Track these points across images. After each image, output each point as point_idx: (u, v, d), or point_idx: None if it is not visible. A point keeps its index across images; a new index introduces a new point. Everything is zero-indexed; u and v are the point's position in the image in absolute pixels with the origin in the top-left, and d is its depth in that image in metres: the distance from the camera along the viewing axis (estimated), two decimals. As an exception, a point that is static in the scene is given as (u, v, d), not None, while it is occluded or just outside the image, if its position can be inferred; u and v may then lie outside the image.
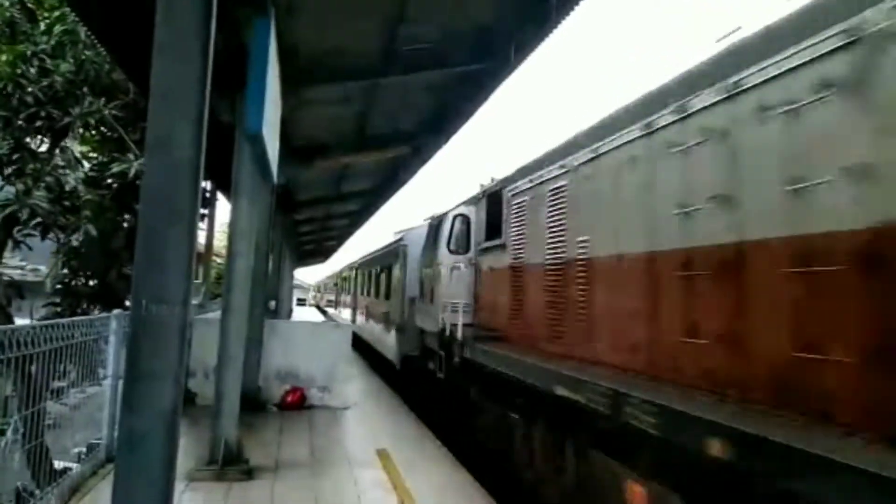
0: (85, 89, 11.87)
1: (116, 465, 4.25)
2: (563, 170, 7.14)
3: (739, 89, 4.29)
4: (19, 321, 10.65)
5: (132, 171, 11.71)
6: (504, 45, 8.80)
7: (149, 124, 4.11)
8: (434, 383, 11.85)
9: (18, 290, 12.00)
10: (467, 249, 10.57)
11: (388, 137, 13.43)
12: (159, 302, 3.94)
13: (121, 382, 6.09)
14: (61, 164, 12.08)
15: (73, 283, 12.54)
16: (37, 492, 5.80)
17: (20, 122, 11.16)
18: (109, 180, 12.36)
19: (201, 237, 17.22)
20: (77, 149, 13.04)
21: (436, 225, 12.37)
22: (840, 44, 3.50)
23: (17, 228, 11.38)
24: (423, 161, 15.27)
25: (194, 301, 14.14)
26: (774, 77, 3.99)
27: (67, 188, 11.75)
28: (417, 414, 11.80)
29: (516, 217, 8.53)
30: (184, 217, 4.09)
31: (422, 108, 12.46)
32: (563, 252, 6.95)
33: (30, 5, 11.66)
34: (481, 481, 7.74)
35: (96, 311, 11.30)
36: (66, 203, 11.93)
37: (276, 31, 6.21)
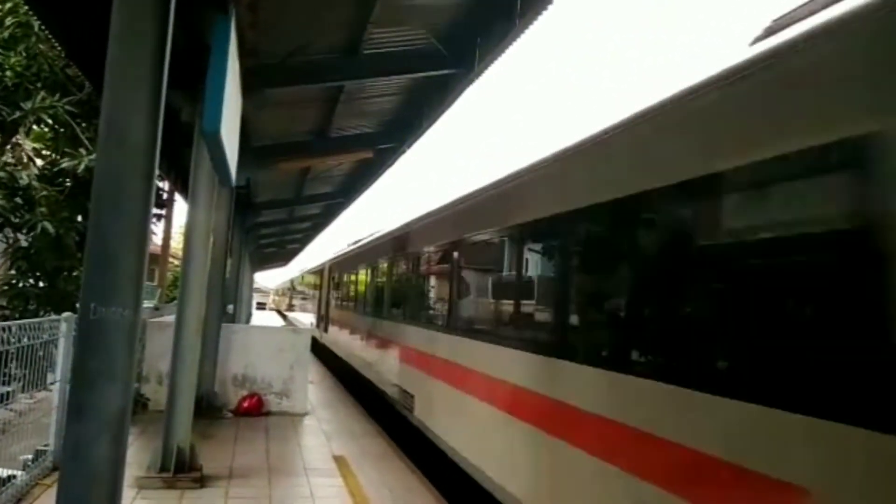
0: (38, 84, 11.53)
1: (61, 473, 4.09)
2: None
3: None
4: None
5: (82, 166, 11.38)
6: (468, 52, 8.81)
7: (101, 116, 3.97)
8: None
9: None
10: None
11: (351, 141, 13.34)
12: (108, 304, 3.79)
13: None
14: (11, 161, 11.71)
15: (22, 284, 12.14)
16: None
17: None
18: (62, 178, 12.02)
19: (158, 238, 16.90)
20: (29, 145, 12.67)
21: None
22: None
23: None
24: (386, 166, 15.21)
25: (148, 304, 13.81)
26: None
27: (22, 184, 11.38)
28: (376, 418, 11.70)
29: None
30: (136, 214, 3.95)
31: (385, 112, 12.41)
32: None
33: (-19, -4, 11.29)
34: (437, 484, 7.72)
35: (51, 314, 10.96)
36: (19, 200, 11.55)
37: (238, 29, 6.09)
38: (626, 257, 4.83)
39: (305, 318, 31.50)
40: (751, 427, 3.35)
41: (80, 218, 12.05)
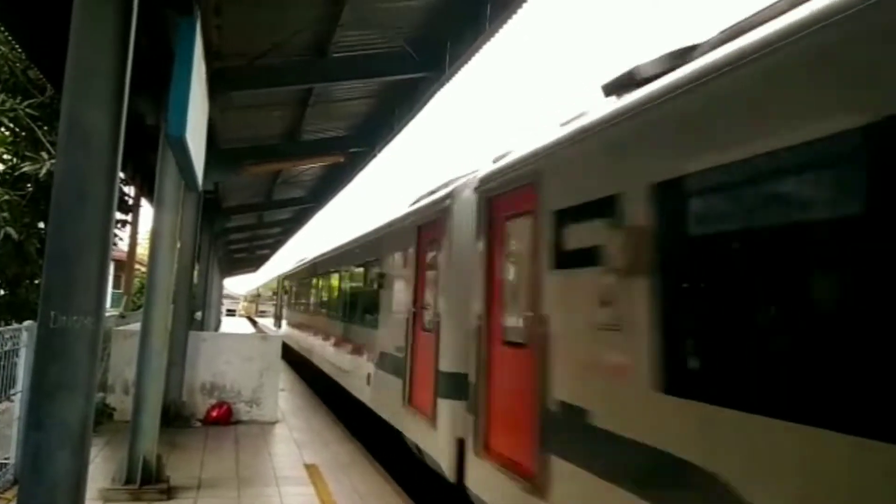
0: (-2, 87, 11.27)
1: (20, 486, 3.98)
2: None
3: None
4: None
5: (44, 170, 11.12)
6: (438, 55, 8.80)
7: (62, 119, 3.86)
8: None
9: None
10: None
11: (322, 144, 13.25)
12: (69, 313, 3.69)
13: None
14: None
15: (-20, 292, 11.82)
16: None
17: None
18: (22, 183, 11.73)
19: (123, 244, 16.57)
20: (-12, 149, 12.36)
21: None
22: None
23: None
24: (358, 169, 15.13)
25: (114, 312, 13.54)
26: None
27: None
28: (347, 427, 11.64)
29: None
30: (97, 219, 3.85)
31: (356, 115, 12.34)
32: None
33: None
34: (408, 489, 7.70)
35: (12, 323, 10.66)
36: None
37: (203, 32, 6.00)
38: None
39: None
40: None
41: (41, 224, 11.77)
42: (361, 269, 12.57)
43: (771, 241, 3.07)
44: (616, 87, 4.91)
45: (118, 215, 12.09)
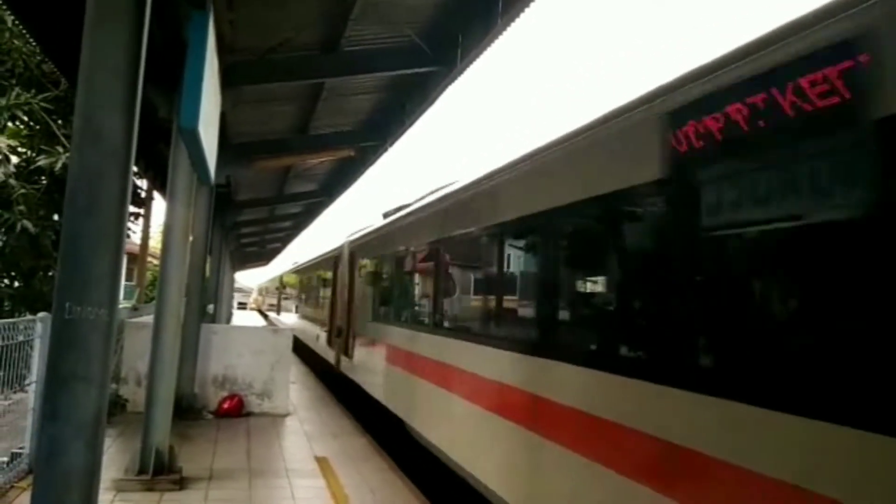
0: (13, 80, 11.34)
1: (35, 476, 4.03)
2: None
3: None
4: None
5: (59, 164, 11.20)
6: (450, 49, 8.77)
7: (76, 112, 3.89)
8: None
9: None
10: None
11: (333, 139, 13.26)
12: (83, 304, 3.72)
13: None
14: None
15: (-4, 283, 11.94)
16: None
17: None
18: (38, 176, 11.83)
19: (136, 237, 16.69)
20: (4, 143, 12.45)
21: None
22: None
23: None
24: (369, 163, 15.14)
25: (127, 304, 13.64)
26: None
27: None
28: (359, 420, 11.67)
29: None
30: (112, 212, 3.87)
31: (367, 110, 12.34)
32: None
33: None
34: (419, 483, 7.71)
35: (26, 315, 10.77)
36: None
37: (216, 25, 6.02)
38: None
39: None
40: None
41: (56, 217, 11.87)
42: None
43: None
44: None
45: (131, 208, 12.19)
